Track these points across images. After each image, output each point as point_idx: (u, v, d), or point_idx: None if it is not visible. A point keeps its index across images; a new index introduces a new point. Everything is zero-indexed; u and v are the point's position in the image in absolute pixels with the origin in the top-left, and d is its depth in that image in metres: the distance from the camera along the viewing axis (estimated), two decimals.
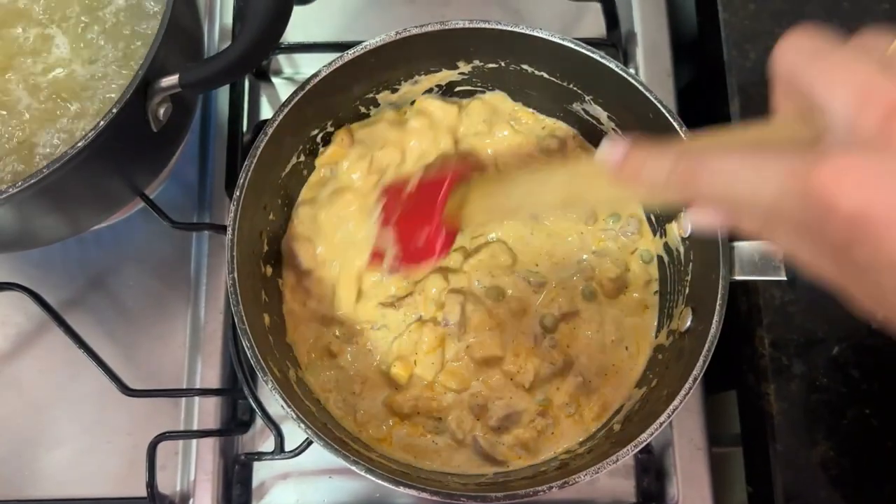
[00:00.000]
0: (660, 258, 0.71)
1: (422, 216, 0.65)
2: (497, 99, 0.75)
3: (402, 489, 0.57)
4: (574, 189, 0.52)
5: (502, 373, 0.68)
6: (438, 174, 0.66)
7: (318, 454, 0.69)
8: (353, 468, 0.57)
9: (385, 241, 0.67)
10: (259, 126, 0.67)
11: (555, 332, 0.70)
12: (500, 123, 0.75)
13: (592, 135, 0.74)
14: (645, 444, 0.57)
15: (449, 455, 0.67)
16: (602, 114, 0.71)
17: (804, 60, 0.36)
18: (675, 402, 0.58)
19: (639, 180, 0.41)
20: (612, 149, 0.42)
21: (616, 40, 0.83)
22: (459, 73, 0.72)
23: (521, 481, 0.61)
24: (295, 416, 0.58)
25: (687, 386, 0.58)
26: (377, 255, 0.68)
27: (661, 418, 0.58)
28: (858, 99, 0.33)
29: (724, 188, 0.36)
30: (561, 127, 0.76)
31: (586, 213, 0.73)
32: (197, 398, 0.74)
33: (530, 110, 0.76)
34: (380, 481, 0.57)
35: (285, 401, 0.58)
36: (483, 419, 0.68)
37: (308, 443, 0.67)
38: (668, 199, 0.42)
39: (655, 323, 0.71)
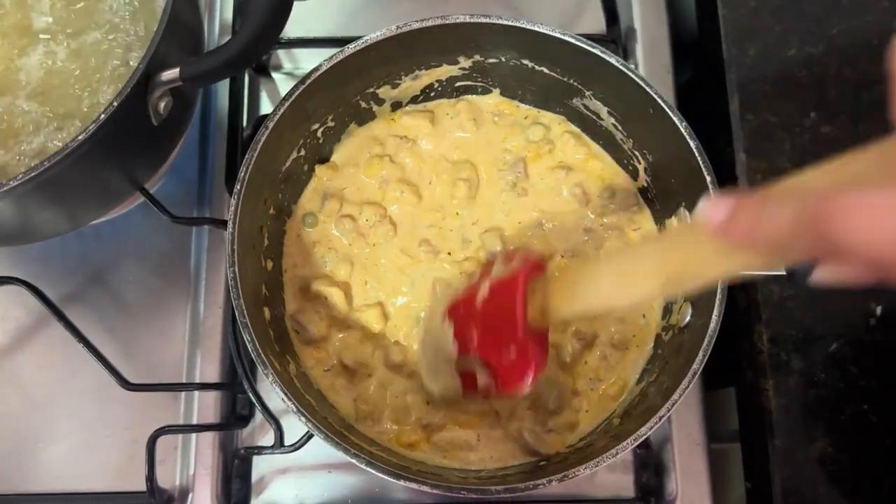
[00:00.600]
0: None
1: (503, 330, 0.57)
2: (480, 98, 0.76)
3: (402, 482, 0.57)
4: (673, 266, 0.43)
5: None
6: (505, 279, 0.59)
7: (318, 448, 0.69)
8: (354, 461, 0.57)
9: (469, 364, 0.60)
10: (259, 121, 0.67)
11: None
12: (486, 123, 0.75)
13: (588, 128, 0.75)
14: (644, 438, 0.58)
15: (487, 449, 0.67)
16: (602, 109, 0.71)
17: None
18: (675, 397, 0.58)
19: (756, 239, 0.34)
20: (715, 206, 0.35)
21: (616, 36, 0.83)
22: (460, 69, 0.72)
23: (520, 475, 0.62)
24: (296, 410, 0.58)
25: (686, 380, 0.58)
26: (467, 378, 0.61)
27: (661, 412, 0.58)
28: None
29: (871, 231, 0.29)
30: (545, 115, 0.76)
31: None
32: (196, 392, 0.74)
33: (514, 102, 0.76)
34: (380, 474, 0.57)
35: (286, 394, 0.58)
36: (537, 404, 0.68)
37: (308, 437, 0.68)
38: (796, 257, 0.34)
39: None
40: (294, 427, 0.69)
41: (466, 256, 0.72)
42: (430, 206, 0.73)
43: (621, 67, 0.65)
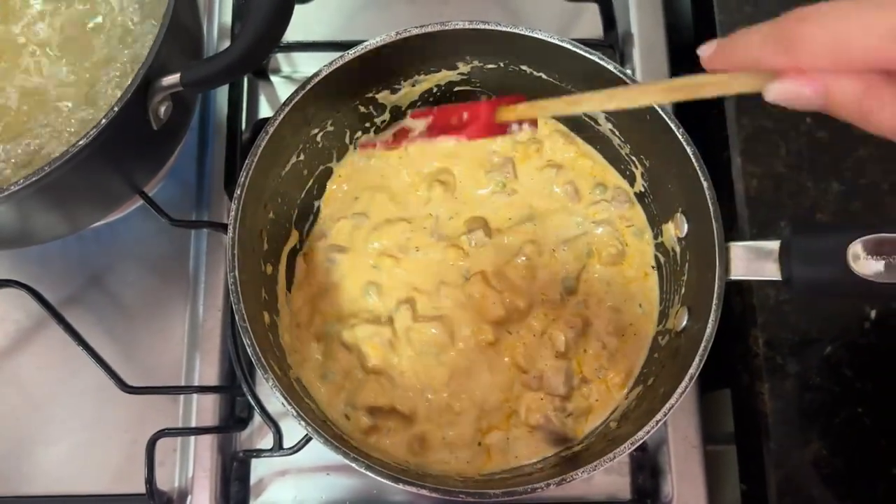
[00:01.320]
0: (656, 258, 0.72)
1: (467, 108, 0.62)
2: None
3: (401, 486, 0.57)
4: (675, 84, 0.49)
5: (535, 341, 0.70)
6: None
7: (316, 451, 0.70)
8: (353, 465, 0.57)
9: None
10: (258, 125, 0.67)
11: (577, 294, 0.72)
12: None
13: (586, 133, 0.75)
14: (641, 441, 0.58)
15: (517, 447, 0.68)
16: (600, 114, 0.71)
17: None
18: (672, 401, 0.58)
19: (734, 58, 0.40)
20: (705, 45, 0.41)
21: (613, 41, 0.83)
22: (459, 74, 0.73)
23: (519, 478, 0.62)
24: (295, 414, 0.58)
25: (683, 384, 0.59)
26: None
27: (658, 416, 0.58)
28: None
29: (834, 43, 0.34)
30: None
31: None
32: (195, 395, 0.74)
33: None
34: (379, 478, 0.57)
35: (286, 398, 0.58)
36: (548, 391, 0.69)
37: (306, 440, 0.68)
38: (766, 68, 0.39)
39: (657, 288, 0.72)
40: (293, 430, 0.69)
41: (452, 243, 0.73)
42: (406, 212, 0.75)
43: (618, 73, 0.65)
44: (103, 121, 0.55)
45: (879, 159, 0.73)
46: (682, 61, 0.84)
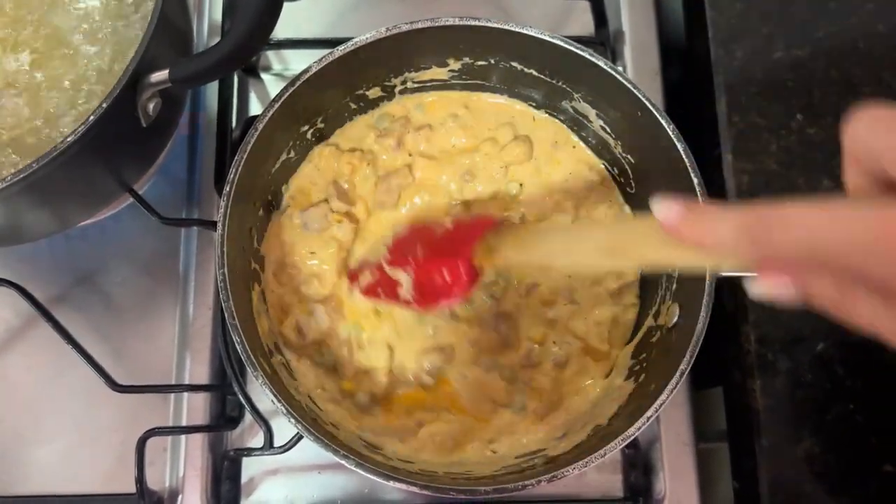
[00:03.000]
0: None
1: (445, 255, 0.62)
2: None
3: (392, 483, 0.57)
4: (620, 246, 0.48)
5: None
6: (469, 221, 0.65)
7: (308, 450, 0.70)
8: (344, 462, 0.57)
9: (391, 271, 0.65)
10: (248, 122, 0.67)
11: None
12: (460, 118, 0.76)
13: (577, 130, 0.75)
14: (632, 438, 0.58)
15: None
16: (591, 111, 0.71)
17: (880, 133, 0.34)
18: (663, 397, 0.58)
19: (702, 241, 0.38)
20: (668, 207, 0.39)
21: (604, 39, 0.83)
22: (449, 71, 0.73)
23: (510, 475, 0.62)
24: (285, 411, 0.58)
25: (674, 380, 0.59)
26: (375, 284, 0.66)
27: (649, 413, 0.58)
28: None
29: (805, 243, 0.33)
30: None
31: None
32: (186, 394, 0.74)
33: (483, 96, 0.76)
34: (370, 475, 0.57)
35: (275, 395, 0.58)
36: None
37: (297, 438, 0.68)
38: (735, 262, 0.38)
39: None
40: (284, 428, 0.69)
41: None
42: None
43: (609, 70, 0.65)
44: (91, 117, 0.55)
45: None
46: (673, 59, 0.84)
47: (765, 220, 0.34)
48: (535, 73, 0.70)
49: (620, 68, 0.77)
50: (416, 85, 0.74)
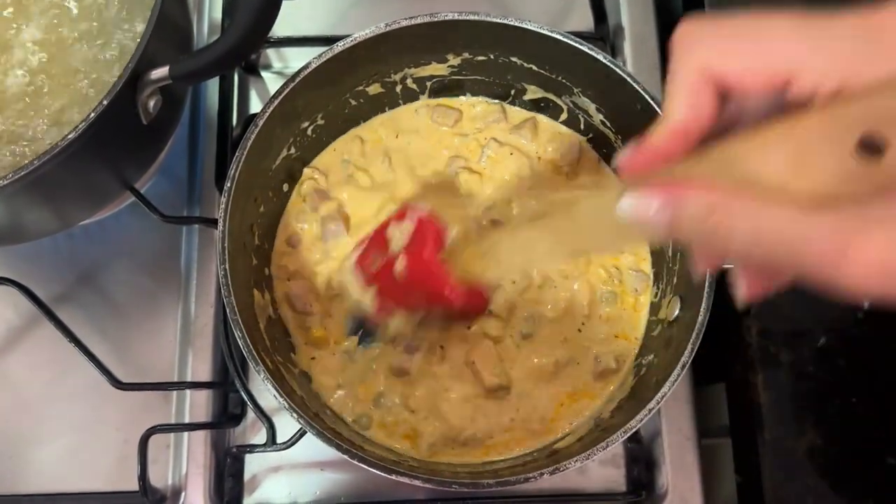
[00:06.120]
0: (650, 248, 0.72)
1: (430, 293, 0.61)
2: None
3: (394, 477, 0.57)
4: (570, 240, 0.49)
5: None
6: (416, 253, 0.62)
7: (310, 447, 0.70)
8: (346, 457, 0.57)
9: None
10: (249, 119, 0.67)
11: None
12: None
13: (577, 125, 0.75)
14: (634, 430, 0.58)
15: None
16: (591, 105, 0.71)
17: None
18: (664, 389, 0.58)
19: (674, 232, 0.38)
20: (639, 201, 0.38)
21: (604, 34, 0.83)
22: (449, 66, 0.73)
23: (512, 469, 0.62)
24: (287, 406, 0.58)
25: (675, 373, 0.59)
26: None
27: (650, 405, 0.58)
28: None
29: (751, 237, 0.34)
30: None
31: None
32: (188, 391, 0.74)
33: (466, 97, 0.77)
34: (372, 469, 0.57)
35: (277, 391, 0.58)
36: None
37: (300, 434, 0.68)
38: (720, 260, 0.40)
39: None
40: (286, 425, 0.69)
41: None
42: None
43: (609, 64, 0.65)
44: (92, 115, 0.55)
45: None
46: None
47: (727, 215, 0.35)
48: (534, 68, 0.70)
49: (620, 63, 0.77)
50: (415, 81, 0.74)
